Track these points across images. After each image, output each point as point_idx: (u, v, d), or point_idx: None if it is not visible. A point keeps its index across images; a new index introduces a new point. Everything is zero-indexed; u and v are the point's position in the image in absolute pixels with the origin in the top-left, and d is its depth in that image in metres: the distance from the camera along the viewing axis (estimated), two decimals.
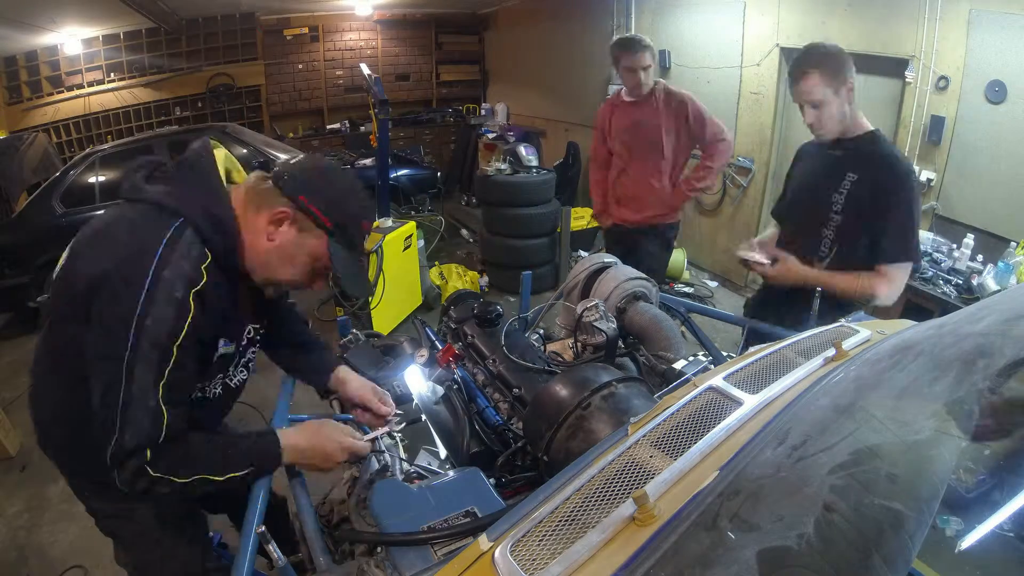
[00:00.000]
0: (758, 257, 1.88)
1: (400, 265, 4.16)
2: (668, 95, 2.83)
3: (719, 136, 2.87)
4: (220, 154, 1.15)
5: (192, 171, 1.10)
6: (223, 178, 1.12)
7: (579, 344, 1.64)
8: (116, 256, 0.99)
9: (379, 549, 0.99)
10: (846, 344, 1.09)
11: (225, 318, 1.12)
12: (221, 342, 1.15)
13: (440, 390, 1.47)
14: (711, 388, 0.97)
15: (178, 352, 0.98)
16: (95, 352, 0.99)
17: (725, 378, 0.99)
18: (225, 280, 1.08)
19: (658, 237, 3.07)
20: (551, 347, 1.82)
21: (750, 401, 0.91)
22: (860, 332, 1.17)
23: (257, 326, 1.28)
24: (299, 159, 1.18)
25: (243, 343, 1.24)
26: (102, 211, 1.15)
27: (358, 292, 1.26)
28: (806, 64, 1.73)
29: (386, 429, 1.34)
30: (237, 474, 1.08)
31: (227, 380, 1.25)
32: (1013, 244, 2.90)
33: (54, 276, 1.11)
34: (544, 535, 0.71)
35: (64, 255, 1.11)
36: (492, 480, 1.17)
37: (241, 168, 1.22)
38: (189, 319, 0.98)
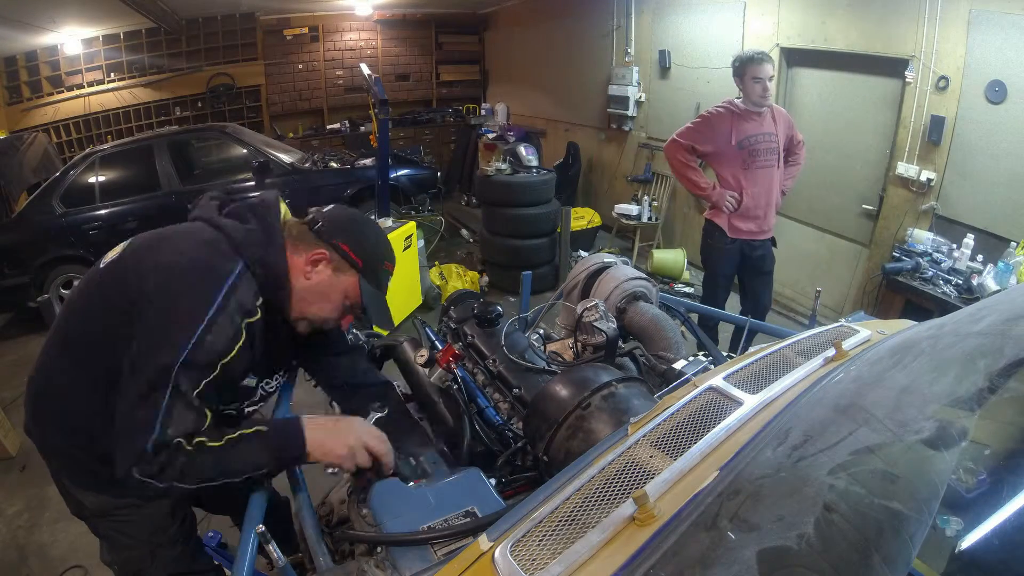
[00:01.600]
0: None
1: (400, 265, 4.14)
2: (775, 108, 3.01)
3: (802, 140, 3.14)
4: (283, 206, 1.28)
5: (259, 219, 1.19)
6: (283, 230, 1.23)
7: (579, 344, 1.64)
8: (193, 261, 1.09)
9: (379, 549, 0.99)
10: (846, 344, 1.09)
11: (262, 356, 1.22)
12: (248, 376, 1.26)
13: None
14: (711, 388, 0.97)
15: (221, 369, 1.06)
16: (144, 349, 1.03)
17: (725, 378, 0.99)
18: (270, 323, 1.19)
19: (771, 249, 3.16)
20: (551, 347, 1.82)
21: (750, 401, 0.91)
22: (860, 332, 1.17)
23: (283, 372, 1.43)
24: (331, 209, 1.31)
25: (267, 384, 1.37)
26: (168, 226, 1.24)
27: (384, 325, 1.35)
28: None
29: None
30: (258, 468, 1.10)
31: (239, 409, 1.35)
32: (1013, 244, 2.90)
33: (101, 266, 1.19)
34: (544, 535, 0.71)
35: (120, 248, 1.21)
36: (492, 480, 1.17)
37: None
38: (240, 344, 1.09)
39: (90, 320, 1.16)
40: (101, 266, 1.20)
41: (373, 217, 1.39)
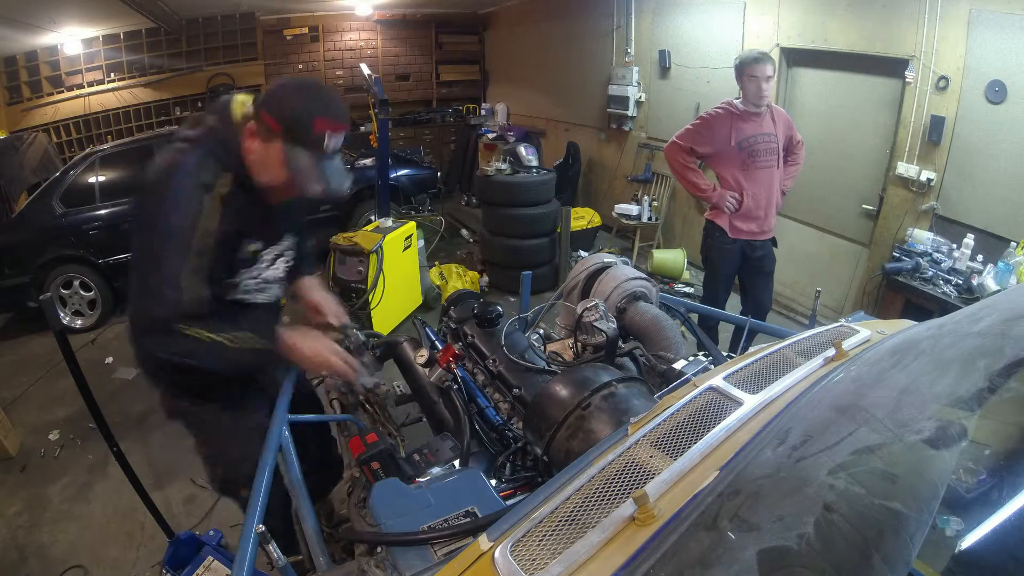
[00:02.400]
0: None
1: (400, 265, 4.16)
2: (775, 109, 3.01)
3: (802, 141, 3.15)
4: (240, 97, 1.38)
5: (213, 114, 1.36)
6: (239, 115, 1.34)
7: (579, 344, 1.64)
8: (151, 176, 1.28)
9: (379, 549, 0.99)
10: (846, 344, 1.09)
11: (250, 221, 1.36)
12: (247, 240, 1.39)
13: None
14: (711, 388, 0.97)
15: (198, 242, 1.22)
16: (136, 244, 1.28)
17: (725, 378, 0.99)
18: (243, 191, 1.33)
19: (772, 250, 3.16)
20: (551, 347, 1.82)
21: (750, 401, 0.91)
22: (860, 332, 1.17)
23: (280, 249, 1.53)
24: (279, 81, 1.41)
25: (271, 249, 1.48)
26: None
27: (316, 191, 1.36)
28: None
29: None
30: (244, 346, 1.29)
31: (250, 293, 1.47)
32: (1013, 244, 2.90)
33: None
34: (544, 535, 0.71)
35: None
36: (492, 480, 1.17)
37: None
38: (203, 214, 1.23)
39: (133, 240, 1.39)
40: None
41: (323, 85, 1.43)
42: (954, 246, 3.22)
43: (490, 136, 7.56)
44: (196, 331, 1.23)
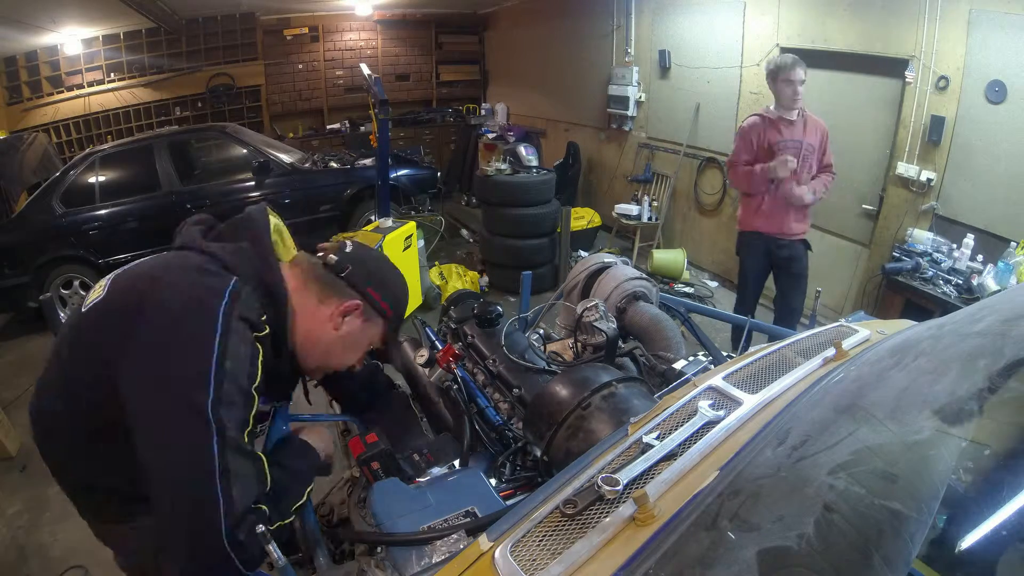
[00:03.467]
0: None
1: (400, 265, 4.12)
2: (810, 117, 3.01)
3: (832, 165, 3.11)
4: (276, 223, 1.13)
5: (247, 234, 1.06)
6: (281, 252, 1.11)
7: (579, 344, 1.64)
8: (181, 297, 0.90)
9: (379, 549, 0.99)
10: (845, 344, 1.09)
11: (270, 379, 1.01)
12: (261, 399, 1.01)
13: None
14: (711, 388, 0.97)
15: (256, 395, 0.91)
16: (152, 410, 0.85)
17: (724, 378, 0.99)
18: (275, 345, 1.04)
19: (803, 254, 3.17)
20: (551, 347, 1.82)
21: (749, 401, 0.91)
22: (859, 332, 1.17)
23: (279, 404, 1.32)
24: (354, 250, 1.18)
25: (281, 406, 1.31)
26: (149, 257, 1.06)
27: (394, 365, 1.39)
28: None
29: None
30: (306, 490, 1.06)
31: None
32: (1013, 244, 2.90)
33: (83, 309, 0.98)
34: (544, 535, 0.71)
35: (102, 289, 1.00)
36: (492, 480, 1.17)
37: (290, 238, 1.19)
38: (260, 359, 0.94)
39: (76, 370, 0.96)
40: (83, 310, 0.99)
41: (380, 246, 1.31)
42: (954, 246, 3.22)
43: (490, 136, 7.56)
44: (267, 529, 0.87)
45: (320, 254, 1.14)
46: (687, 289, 4.80)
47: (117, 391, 0.87)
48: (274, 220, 1.12)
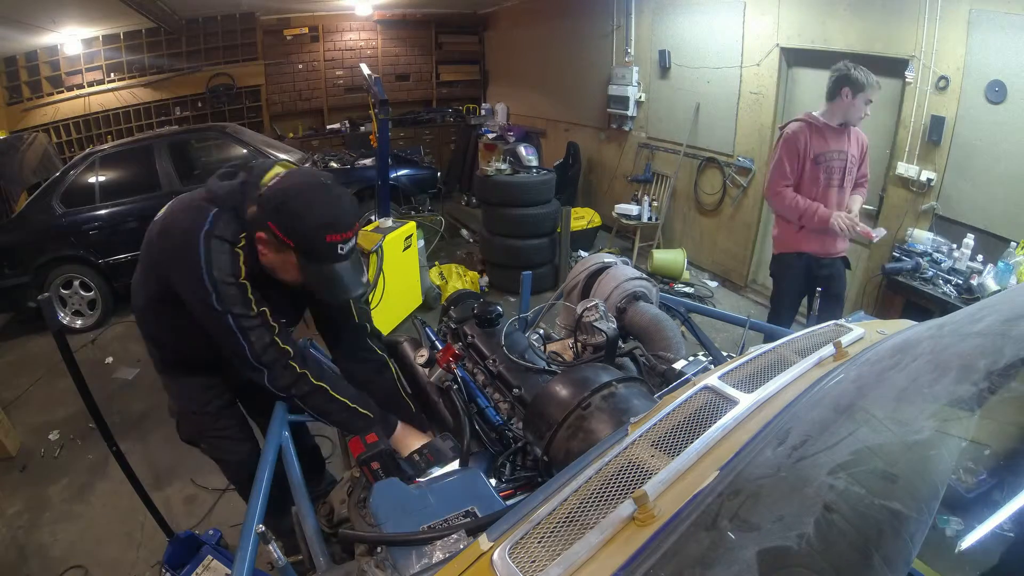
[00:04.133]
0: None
1: (400, 265, 4.16)
2: (855, 128, 2.80)
3: (867, 176, 2.91)
4: (279, 170, 1.38)
5: (244, 175, 1.38)
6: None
7: (579, 344, 1.64)
8: (178, 227, 1.34)
9: (379, 549, 0.99)
10: (841, 342, 1.09)
11: (267, 289, 1.38)
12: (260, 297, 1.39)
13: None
14: (707, 388, 0.97)
15: (247, 283, 1.30)
16: (193, 302, 1.32)
17: (721, 377, 0.99)
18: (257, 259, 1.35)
19: (843, 271, 2.97)
20: (551, 347, 1.82)
21: (745, 400, 0.91)
22: (854, 330, 1.17)
23: (285, 320, 1.52)
24: (278, 180, 1.32)
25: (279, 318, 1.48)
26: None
27: (334, 297, 1.39)
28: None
29: None
30: (358, 411, 1.42)
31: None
32: (1013, 244, 2.90)
33: (147, 234, 1.47)
34: (544, 535, 0.71)
35: (157, 219, 1.47)
36: (492, 480, 1.17)
37: None
38: (242, 261, 1.30)
39: (151, 278, 1.48)
40: (147, 235, 1.49)
41: (326, 181, 1.35)
42: (954, 246, 3.22)
43: (490, 136, 7.56)
44: (311, 376, 1.37)
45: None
46: (687, 289, 4.80)
47: (159, 282, 1.40)
48: (280, 168, 1.37)
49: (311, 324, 1.70)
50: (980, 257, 3.08)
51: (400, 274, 4.16)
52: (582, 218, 5.57)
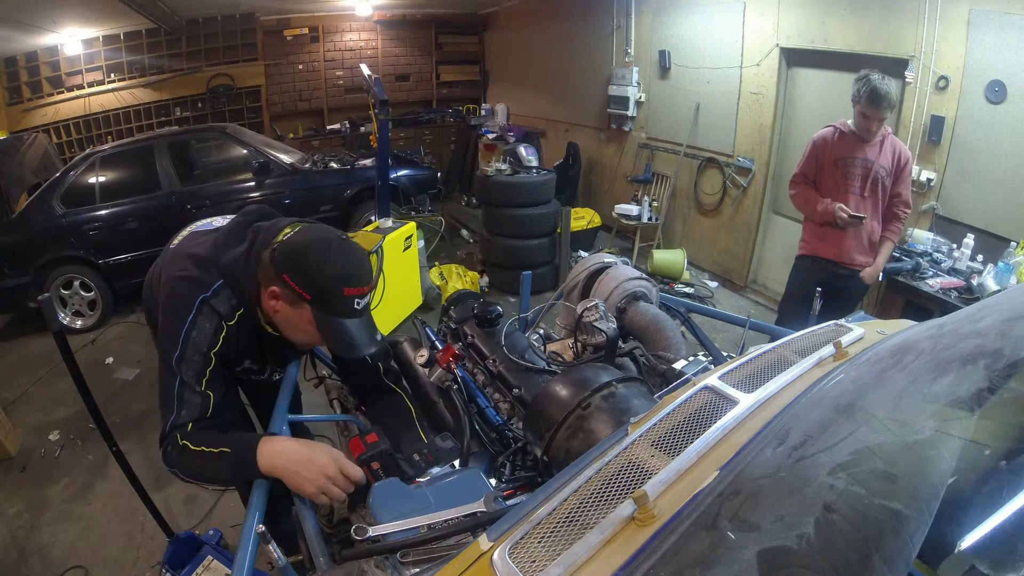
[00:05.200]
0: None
1: (400, 265, 4.16)
2: (891, 139, 2.75)
3: (906, 201, 2.79)
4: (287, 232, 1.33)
5: (249, 246, 1.33)
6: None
7: (579, 344, 1.64)
8: (178, 285, 1.31)
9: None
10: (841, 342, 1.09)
11: (251, 351, 1.43)
12: (247, 361, 1.46)
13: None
14: (707, 388, 0.97)
15: (214, 357, 1.29)
16: (160, 348, 1.30)
17: (721, 377, 0.99)
18: (250, 328, 1.36)
19: (862, 285, 2.88)
20: (551, 347, 1.82)
21: (745, 400, 0.91)
22: (854, 330, 1.17)
23: (277, 369, 1.59)
24: (292, 235, 1.30)
25: (267, 372, 1.56)
26: (199, 230, 1.57)
27: (349, 353, 1.32)
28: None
29: None
30: (213, 452, 1.23)
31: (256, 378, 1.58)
32: (1013, 244, 2.90)
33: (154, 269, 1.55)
34: (543, 536, 0.71)
35: (161, 259, 1.53)
36: (492, 480, 1.17)
37: None
38: (222, 336, 1.30)
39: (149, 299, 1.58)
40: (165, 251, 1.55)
41: (342, 236, 1.31)
42: (954, 246, 3.22)
43: (490, 136, 7.56)
44: (191, 444, 1.21)
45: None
46: (687, 289, 4.80)
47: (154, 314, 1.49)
48: (288, 232, 1.33)
49: None
50: (980, 257, 3.08)
51: (400, 274, 4.16)
52: (582, 218, 5.57)
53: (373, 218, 4.47)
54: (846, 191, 2.73)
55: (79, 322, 4.59)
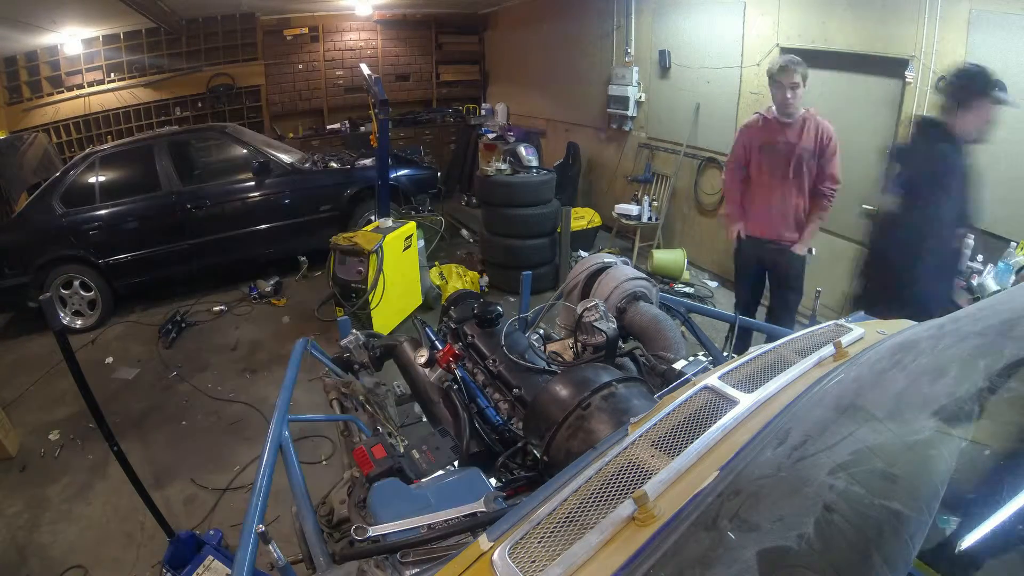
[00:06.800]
0: None
1: (400, 265, 4.16)
2: (814, 120, 2.93)
3: (834, 176, 3.00)
4: None
5: None
6: None
7: (579, 344, 1.64)
8: None
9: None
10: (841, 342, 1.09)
11: None
12: None
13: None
14: (707, 388, 0.97)
15: None
16: None
17: (721, 377, 0.99)
18: None
19: (796, 258, 3.12)
20: (551, 347, 1.82)
21: (746, 400, 0.91)
22: (854, 330, 1.17)
23: None
24: None
25: None
26: None
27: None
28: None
29: None
30: None
31: None
32: (1013, 244, 2.90)
33: None
34: (543, 536, 0.71)
35: None
36: (492, 480, 1.17)
37: None
38: None
39: None
40: None
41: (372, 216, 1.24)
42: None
43: (490, 136, 7.56)
44: None
45: None
46: (687, 289, 4.80)
47: None
48: None
49: None
50: (980, 257, 3.08)
51: (400, 274, 4.16)
52: (582, 218, 5.56)
53: (373, 218, 4.47)
54: (771, 175, 3.00)
55: (79, 322, 4.59)
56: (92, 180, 4.63)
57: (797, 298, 3.25)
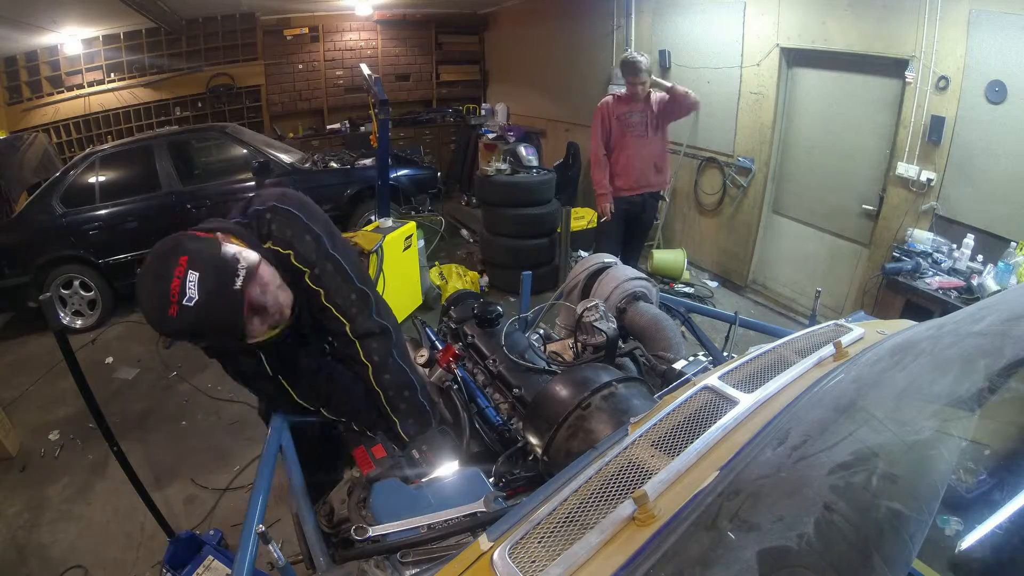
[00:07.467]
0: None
1: (400, 265, 4.16)
2: (656, 97, 3.75)
3: (672, 87, 3.71)
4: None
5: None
6: None
7: (579, 344, 1.64)
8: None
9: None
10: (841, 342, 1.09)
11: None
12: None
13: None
14: (707, 388, 0.97)
15: None
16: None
17: (721, 377, 0.99)
18: None
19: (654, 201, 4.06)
20: (551, 347, 1.82)
21: (746, 400, 0.91)
22: (854, 330, 1.17)
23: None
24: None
25: None
26: None
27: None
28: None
29: None
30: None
31: None
32: (1013, 244, 2.90)
33: None
34: (543, 536, 0.71)
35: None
36: (492, 480, 1.17)
37: None
38: None
39: None
40: None
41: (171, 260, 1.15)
42: (954, 246, 3.22)
43: (490, 136, 7.55)
44: None
45: None
46: (687, 289, 4.80)
47: None
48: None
49: None
50: (980, 257, 3.08)
51: (400, 274, 4.16)
52: (582, 218, 5.56)
53: (373, 218, 4.46)
54: (630, 135, 3.74)
55: (79, 322, 4.59)
56: (92, 180, 4.62)
57: (644, 240, 4.24)
